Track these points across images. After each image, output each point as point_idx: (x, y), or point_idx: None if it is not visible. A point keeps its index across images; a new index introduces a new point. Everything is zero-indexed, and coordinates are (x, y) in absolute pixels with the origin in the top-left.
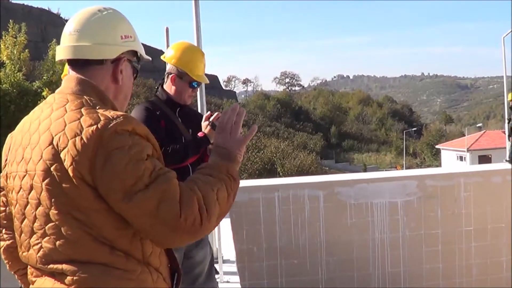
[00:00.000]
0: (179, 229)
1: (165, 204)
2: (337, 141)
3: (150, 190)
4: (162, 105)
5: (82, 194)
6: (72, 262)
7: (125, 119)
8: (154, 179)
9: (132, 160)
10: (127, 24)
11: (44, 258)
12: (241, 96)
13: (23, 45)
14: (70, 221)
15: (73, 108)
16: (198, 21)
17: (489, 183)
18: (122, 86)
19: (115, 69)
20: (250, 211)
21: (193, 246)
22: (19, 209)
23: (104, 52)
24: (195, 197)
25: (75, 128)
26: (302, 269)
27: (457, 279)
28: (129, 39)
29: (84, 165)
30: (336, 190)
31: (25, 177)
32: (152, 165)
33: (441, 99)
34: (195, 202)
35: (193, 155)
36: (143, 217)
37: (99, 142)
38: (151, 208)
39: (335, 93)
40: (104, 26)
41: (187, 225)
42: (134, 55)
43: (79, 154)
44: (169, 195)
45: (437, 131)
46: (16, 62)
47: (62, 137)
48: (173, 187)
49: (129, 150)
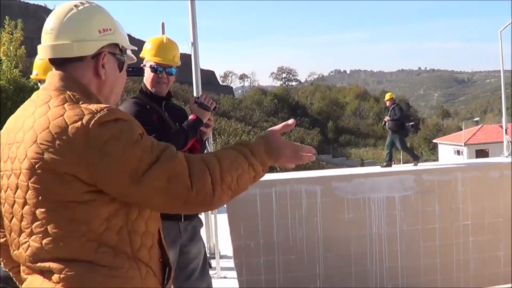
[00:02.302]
0: (191, 202)
1: (175, 179)
2: (334, 136)
3: (156, 168)
4: (148, 99)
5: (70, 191)
6: (58, 260)
7: (109, 111)
8: (158, 157)
9: (127, 145)
10: (105, 17)
11: (32, 256)
12: (238, 91)
13: (20, 42)
14: (57, 219)
15: (56, 105)
16: (194, 17)
17: (486, 177)
18: (106, 80)
19: (96, 64)
20: (248, 207)
21: (188, 241)
22: (8, 208)
23: (82, 49)
24: (207, 169)
25: (60, 124)
26: (300, 265)
27: (455, 274)
28: (108, 32)
29: (73, 162)
30: (333, 185)
31: (11, 176)
32: (149, 142)
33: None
34: (207, 175)
35: (192, 137)
36: (155, 195)
37: (86, 138)
38: (162, 186)
39: (332, 88)
40: (80, 22)
41: (199, 198)
42: (117, 47)
43: (66, 150)
44: (177, 170)
45: (434, 126)
46: (13, 59)
47: (47, 134)
48: (178, 161)
49: (120, 137)
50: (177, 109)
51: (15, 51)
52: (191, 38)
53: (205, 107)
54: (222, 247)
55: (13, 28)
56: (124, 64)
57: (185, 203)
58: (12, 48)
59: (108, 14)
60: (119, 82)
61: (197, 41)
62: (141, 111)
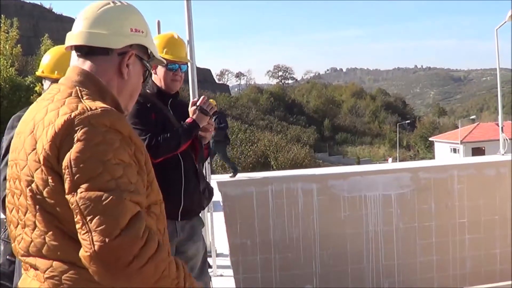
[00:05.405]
0: (104, 248)
1: (105, 215)
2: (330, 134)
3: (97, 194)
4: (152, 98)
5: (51, 186)
6: (44, 257)
7: (105, 112)
8: (112, 190)
9: (93, 157)
10: (140, 19)
11: (24, 250)
12: (234, 89)
13: (15, 40)
14: (42, 214)
15: (59, 98)
16: (190, 15)
17: (482, 175)
18: (127, 81)
19: (121, 62)
20: (244, 205)
21: (185, 240)
22: (10, 198)
23: (108, 41)
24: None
25: (52, 117)
26: (296, 263)
27: (451, 272)
28: (139, 33)
29: (54, 154)
30: (329, 183)
31: (13, 167)
32: (119, 174)
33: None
34: (138, 238)
35: (186, 142)
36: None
37: (68, 131)
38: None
39: (328, 86)
40: (112, 16)
41: (114, 250)
42: (146, 53)
43: (49, 142)
44: (114, 212)
45: (431, 124)
46: (9, 57)
47: (40, 126)
48: (123, 205)
49: (94, 146)
50: (183, 106)
51: (11, 49)
52: (187, 36)
53: (204, 111)
54: (219, 245)
55: (9, 27)
56: (149, 74)
57: (97, 242)
58: (8, 47)
59: (143, 18)
60: (138, 89)
61: (193, 39)
62: (140, 110)
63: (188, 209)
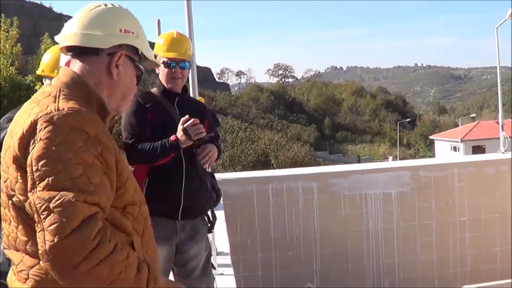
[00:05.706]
0: (55, 247)
1: (58, 214)
2: (330, 132)
3: (50, 194)
4: (158, 97)
5: (19, 183)
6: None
7: (73, 112)
8: (65, 189)
9: (52, 156)
10: (132, 21)
11: (6, 243)
12: (235, 88)
13: (15, 39)
14: (14, 209)
15: (39, 99)
16: (190, 13)
17: (482, 173)
18: (118, 82)
19: (110, 62)
20: (244, 204)
21: (186, 240)
22: (2, 195)
23: (97, 41)
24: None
25: (25, 118)
26: (297, 261)
27: (451, 270)
28: (129, 34)
29: (21, 154)
30: (330, 182)
31: (2, 165)
32: (76, 172)
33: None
34: (88, 240)
35: (163, 158)
36: (36, 214)
37: (34, 130)
38: (45, 209)
39: (329, 84)
40: (102, 17)
41: (63, 249)
42: (136, 54)
43: (18, 141)
44: (66, 212)
45: (431, 122)
46: (9, 56)
47: (14, 125)
48: (77, 209)
49: (55, 146)
50: (191, 105)
51: (11, 49)
52: (187, 35)
53: (187, 135)
54: (219, 244)
55: (9, 26)
56: (142, 74)
57: (52, 253)
58: (8, 46)
59: (135, 20)
60: (131, 89)
61: (193, 38)
62: (135, 111)
63: (189, 208)
